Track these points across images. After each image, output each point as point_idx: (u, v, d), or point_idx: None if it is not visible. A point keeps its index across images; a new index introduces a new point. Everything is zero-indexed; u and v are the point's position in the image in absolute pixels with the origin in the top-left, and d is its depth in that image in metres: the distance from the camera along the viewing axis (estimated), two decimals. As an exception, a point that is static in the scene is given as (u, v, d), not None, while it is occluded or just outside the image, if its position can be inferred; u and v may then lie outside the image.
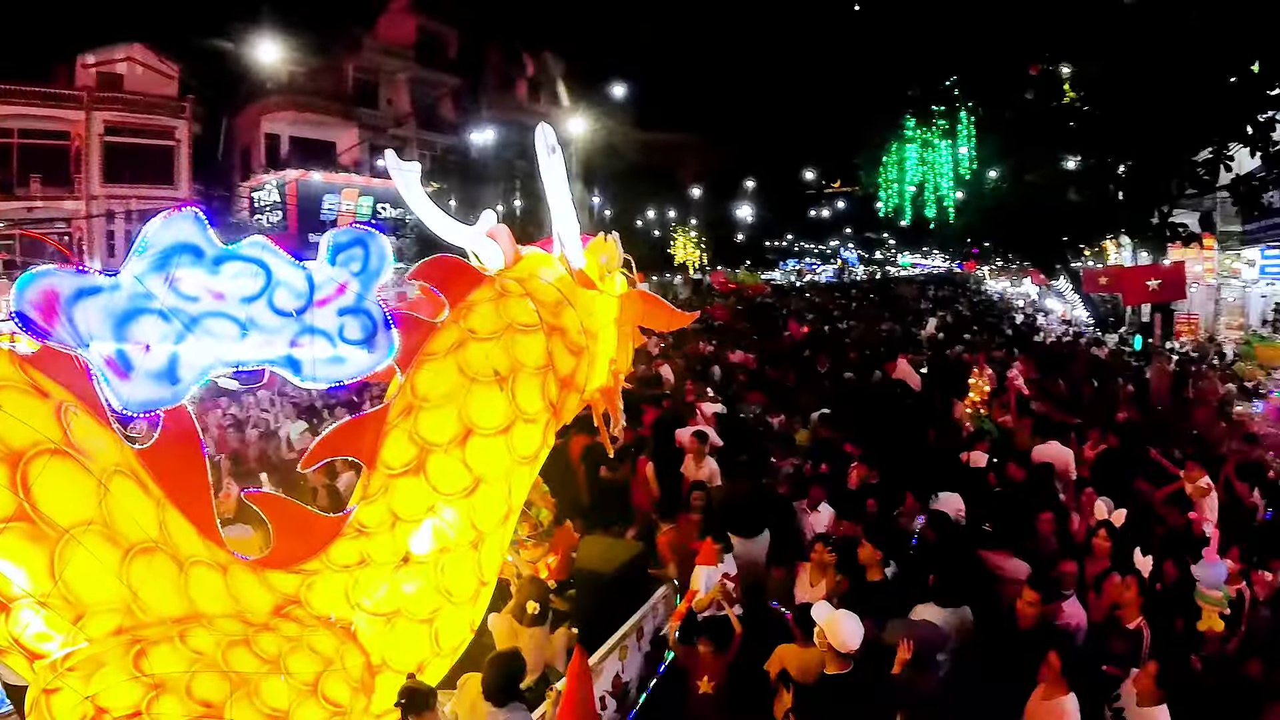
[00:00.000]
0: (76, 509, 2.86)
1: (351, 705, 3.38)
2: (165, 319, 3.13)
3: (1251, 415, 13.34)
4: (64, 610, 2.81)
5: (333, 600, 3.64)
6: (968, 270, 65.09)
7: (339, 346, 3.55)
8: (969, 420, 11.22)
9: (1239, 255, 22.79)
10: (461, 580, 3.93)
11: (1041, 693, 4.68)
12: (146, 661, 2.87)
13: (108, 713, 2.79)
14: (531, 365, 4.22)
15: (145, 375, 3.10)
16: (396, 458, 3.89)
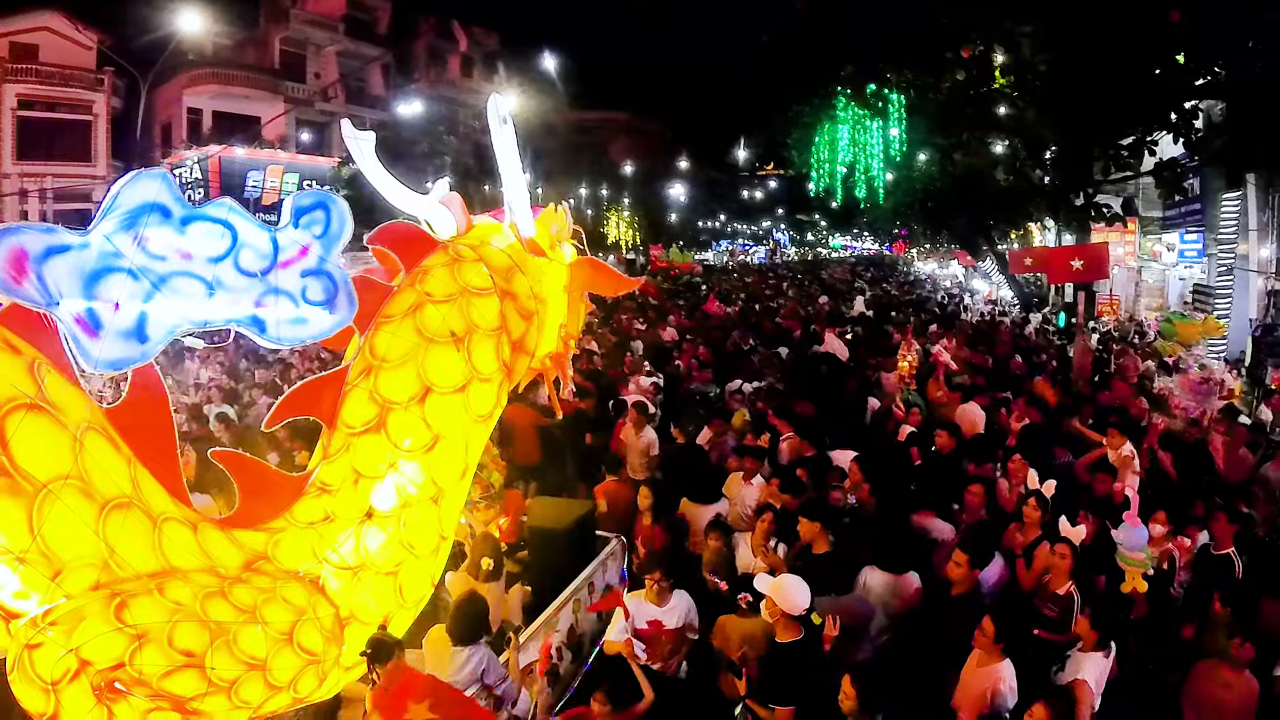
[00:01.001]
0: (53, 464, 2.90)
1: (324, 654, 3.50)
2: (134, 277, 3.16)
3: (1171, 389, 13.92)
4: (42, 566, 2.86)
5: (300, 556, 3.73)
6: (897, 252, 66.57)
7: (301, 307, 3.60)
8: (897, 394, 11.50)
9: (1159, 239, 23.66)
10: (423, 534, 4.05)
11: (976, 659, 4.78)
12: (128, 613, 2.94)
13: (91, 665, 2.85)
14: (486, 327, 4.32)
15: (115, 334, 3.13)
16: (357, 417, 3.98)
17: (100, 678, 2.87)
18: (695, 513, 7.13)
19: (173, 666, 3.00)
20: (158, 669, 2.98)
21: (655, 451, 8.92)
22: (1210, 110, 17.35)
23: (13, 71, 29.93)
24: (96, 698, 2.85)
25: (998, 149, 18.35)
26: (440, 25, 43.88)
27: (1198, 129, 14.81)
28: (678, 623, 5.38)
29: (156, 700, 3.07)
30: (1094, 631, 4.85)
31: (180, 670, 3.03)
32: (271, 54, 36.55)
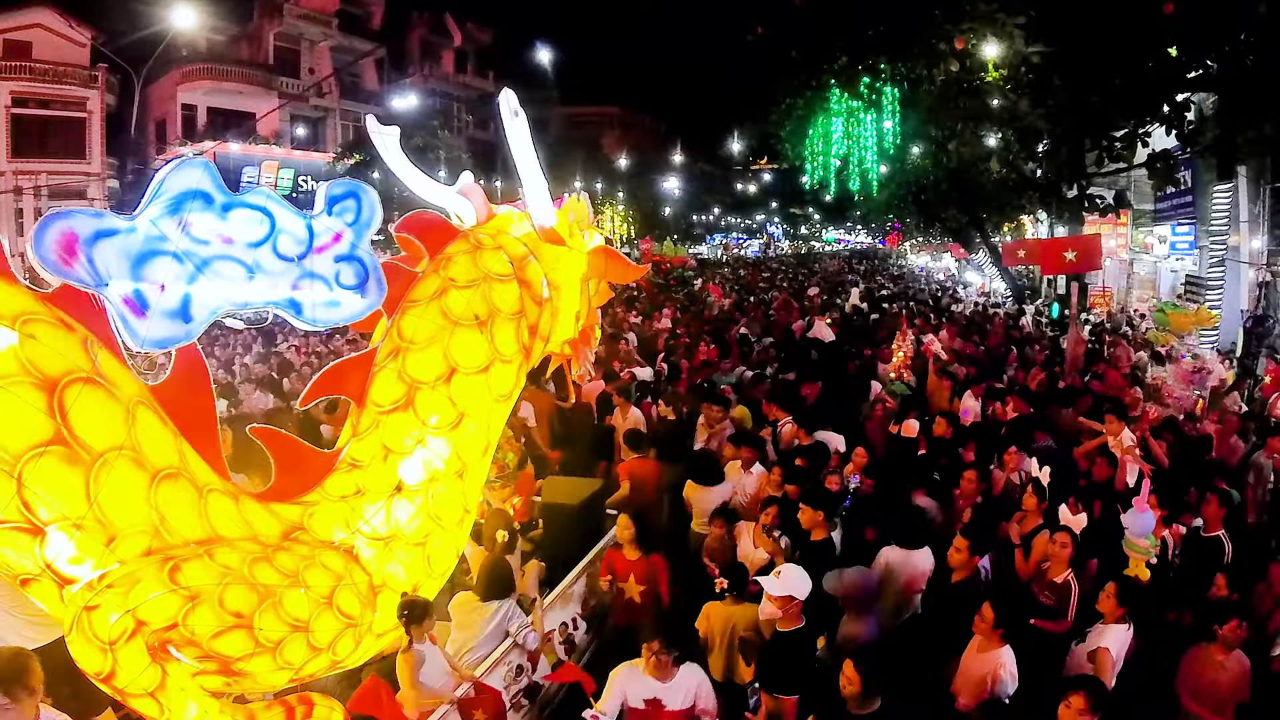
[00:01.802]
0: (109, 434, 3.06)
1: (361, 618, 3.68)
2: (179, 260, 3.32)
3: (1164, 379, 14.07)
4: (97, 532, 3.01)
5: (333, 528, 3.91)
6: (891, 245, 66.83)
7: (335, 291, 3.77)
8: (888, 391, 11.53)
9: (1151, 231, 23.69)
10: (449, 507, 4.24)
11: (976, 644, 4.81)
12: (181, 575, 3.10)
13: (146, 625, 3.02)
14: (507, 311, 4.51)
15: (161, 314, 3.28)
16: (386, 396, 4.16)
17: (155, 638, 3.04)
18: (698, 494, 7.19)
19: (223, 627, 3.17)
20: (209, 629, 3.15)
21: (642, 428, 9.03)
22: (1202, 103, 17.59)
23: (6, 69, 29.83)
24: (151, 657, 3.02)
25: (991, 141, 18.43)
26: (434, 20, 43.91)
27: (1190, 121, 14.91)
28: (683, 705, 4.39)
29: (204, 661, 3.25)
30: (1120, 606, 4.97)
31: (230, 631, 3.21)
32: (265, 49, 36.53)
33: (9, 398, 2.80)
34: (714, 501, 7.03)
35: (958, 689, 4.81)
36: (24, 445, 2.83)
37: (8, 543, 2.91)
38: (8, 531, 2.87)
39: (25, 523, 2.87)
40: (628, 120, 64.62)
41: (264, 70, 36.01)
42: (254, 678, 3.43)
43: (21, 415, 2.84)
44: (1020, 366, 14.09)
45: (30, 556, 2.95)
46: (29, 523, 2.88)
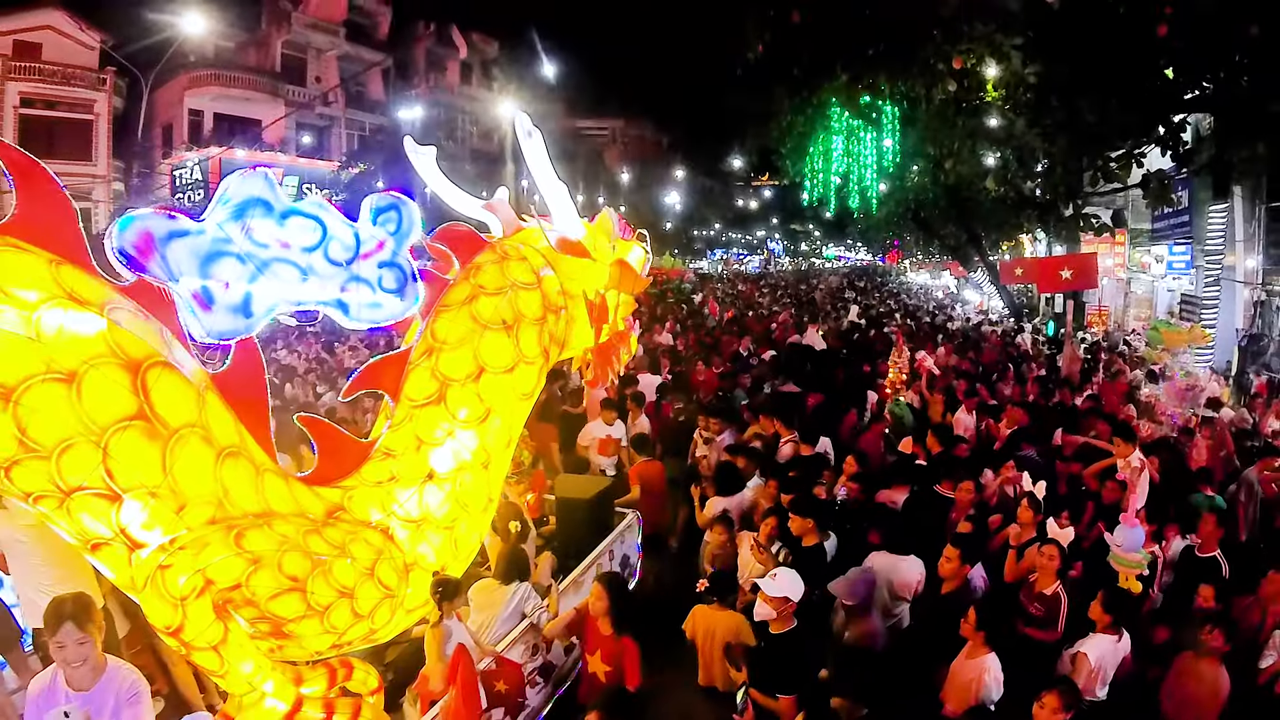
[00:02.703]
0: (183, 413, 3.43)
1: (398, 590, 4.07)
2: (242, 261, 3.69)
3: (1157, 396, 14.36)
4: (170, 501, 3.38)
5: (370, 510, 4.28)
6: (890, 262, 67.43)
7: (378, 294, 4.17)
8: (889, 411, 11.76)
9: (1148, 250, 24.01)
10: (475, 494, 4.63)
11: (965, 652, 4.95)
12: (245, 541, 3.48)
13: (214, 584, 3.40)
14: (531, 317, 4.92)
15: (225, 308, 3.65)
16: (419, 391, 4.55)
17: (220, 596, 3.42)
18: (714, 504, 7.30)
19: (280, 589, 3.55)
20: (268, 591, 3.53)
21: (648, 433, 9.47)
22: (1199, 123, 17.91)
23: (15, 69, 30.24)
24: (216, 613, 3.40)
25: (989, 160, 18.77)
26: (440, 31, 44.43)
27: (1185, 141, 15.08)
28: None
29: (259, 623, 3.63)
30: (1106, 614, 5.17)
31: (286, 593, 3.59)
32: (273, 57, 37.02)
33: (99, 376, 3.17)
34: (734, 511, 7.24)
35: (945, 695, 4.97)
36: (110, 419, 3.20)
37: (87, 508, 3.26)
38: (90, 497, 3.23)
39: (106, 490, 3.23)
40: (630, 134, 65.29)
41: (271, 77, 36.46)
42: (301, 641, 3.80)
43: (109, 392, 3.20)
44: (1016, 383, 14.45)
45: (106, 521, 3.30)
46: (109, 490, 3.24)
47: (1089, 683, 5.03)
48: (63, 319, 3.11)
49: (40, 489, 3.18)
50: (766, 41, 15.60)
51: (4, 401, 2.97)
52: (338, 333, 22.00)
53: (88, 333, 3.17)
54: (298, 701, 3.71)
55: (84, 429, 3.13)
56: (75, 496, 3.20)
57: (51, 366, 3.06)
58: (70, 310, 3.14)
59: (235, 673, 3.48)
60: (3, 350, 2.97)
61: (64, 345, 3.10)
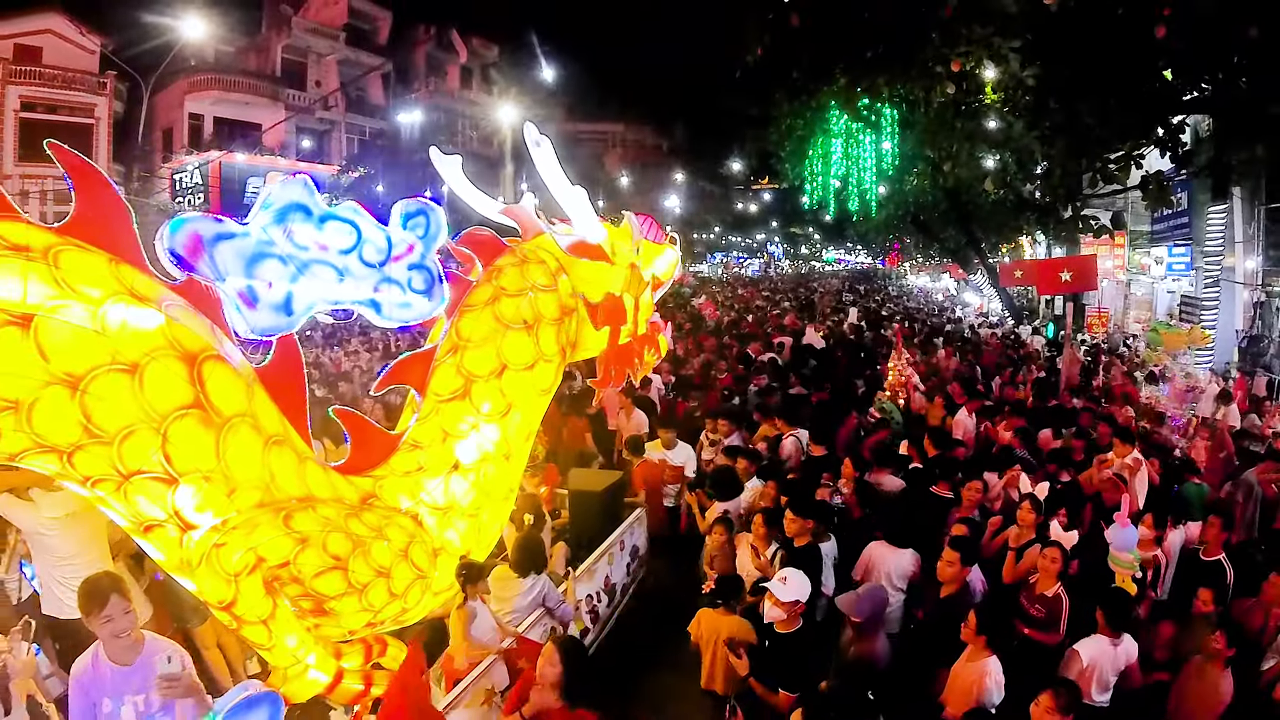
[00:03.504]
0: (235, 403, 3.70)
1: (429, 571, 4.35)
2: (283, 262, 3.95)
3: (1158, 398, 14.58)
4: (222, 484, 3.65)
5: (400, 497, 4.56)
6: (890, 265, 67.77)
7: (407, 294, 4.43)
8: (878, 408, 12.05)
9: (1148, 252, 24.33)
10: (498, 484, 4.93)
11: (966, 655, 5.05)
12: (293, 522, 3.77)
13: (265, 561, 3.68)
14: (549, 317, 5.22)
15: (268, 307, 3.91)
16: (445, 386, 4.83)
17: (269, 573, 3.70)
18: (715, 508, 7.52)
19: (324, 568, 3.84)
20: (313, 569, 3.81)
21: (645, 430, 9.96)
22: (1198, 124, 18.15)
23: (16, 73, 30.66)
24: (265, 589, 3.67)
25: (988, 163, 18.97)
26: (440, 36, 44.86)
27: (1184, 143, 15.25)
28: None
29: (302, 600, 3.91)
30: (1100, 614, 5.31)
31: (329, 571, 3.87)
32: (273, 61, 37.44)
33: (159, 367, 3.44)
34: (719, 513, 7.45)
35: (946, 698, 5.07)
36: (170, 407, 3.47)
37: (144, 491, 3.52)
38: (148, 481, 3.49)
39: (164, 473, 3.50)
40: (629, 138, 65.79)
41: (271, 82, 36.89)
42: (339, 618, 4.09)
43: (169, 382, 3.47)
44: (1011, 384, 14.69)
45: (161, 504, 3.56)
46: (167, 473, 3.50)
47: (1082, 683, 5.10)
48: (125, 314, 3.37)
49: (100, 473, 3.44)
50: (766, 45, 15.70)
51: (72, 390, 3.23)
52: (336, 336, 22.32)
53: (148, 327, 3.43)
54: (338, 674, 4.02)
55: (145, 416, 3.40)
56: (134, 480, 3.46)
57: (116, 358, 3.32)
58: (131, 306, 3.41)
59: (281, 646, 3.77)
60: (71, 342, 3.23)
61: (127, 338, 3.36)
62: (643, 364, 6.39)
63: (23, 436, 3.21)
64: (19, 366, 3.12)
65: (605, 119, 63.54)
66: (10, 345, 3.09)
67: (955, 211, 26.16)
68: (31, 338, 3.12)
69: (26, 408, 3.16)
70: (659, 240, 6.36)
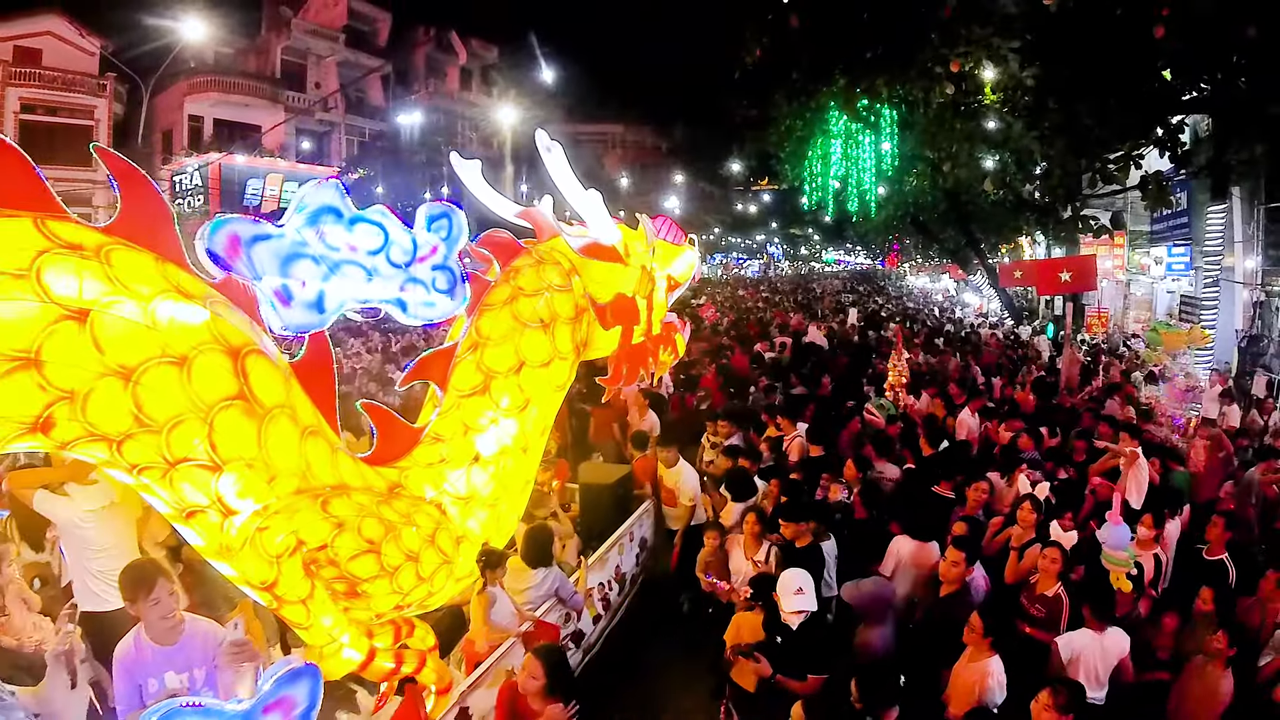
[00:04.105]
0: (275, 394, 3.94)
1: (453, 556, 4.59)
2: (316, 262, 4.18)
3: (1158, 398, 14.76)
4: (263, 471, 3.88)
5: (424, 487, 4.82)
6: (890, 266, 68.15)
7: (431, 294, 4.67)
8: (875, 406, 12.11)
9: (1148, 252, 24.51)
10: (515, 476, 5.19)
11: (968, 654, 5.11)
12: (330, 507, 4.01)
13: (305, 544, 3.92)
14: (564, 316, 5.49)
15: (301, 304, 4.14)
16: (465, 382, 5.09)
17: (309, 555, 3.94)
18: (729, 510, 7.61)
19: (358, 551, 4.08)
20: (349, 552, 4.06)
21: (658, 432, 9.99)
22: (1197, 124, 18.34)
23: (16, 75, 30.75)
24: (305, 570, 3.91)
25: (987, 163, 19.14)
26: (439, 37, 45.11)
27: (1183, 143, 15.42)
28: None
29: (337, 582, 4.15)
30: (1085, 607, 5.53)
31: (363, 555, 4.12)
32: (272, 63, 37.62)
33: (206, 360, 3.67)
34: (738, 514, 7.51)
35: (948, 698, 5.15)
36: (216, 398, 3.70)
37: (189, 478, 3.74)
38: (193, 468, 3.72)
39: (209, 461, 3.72)
40: (629, 139, 66.08)
41: (271, 83, 37.02)
42: (371, 600, 4.33)
43: (215, 375, 3.70)
44: (1010, 385, 14.89)
45: (205, 490, 3.78)
46: (212, 461, 3.73)
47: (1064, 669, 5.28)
48: (173, 310, 3.60)
49: (147, 460, 3.65)
50: (765, 46, 15.89)
51: (125, 381, 3.45)
52: (336, 338, 22.55)
53: (195, 322, 3.66)
54: (371, 652, 4.26)
55: (193, 407, 3.62)
56: (180, 467, 3.68)
57: (165, 351, 3.55)
58: (179, 302, 3.63)
59: (318, 625, 4.02)
60: (124, 336, 3.45)
61: (175, 332, 3.59)
62: (658, 363, 6.62)
63: (76, 425, 3.41)
64: (76, 358, 3.33)
65: (604, 120, 63.84)
66: (68, 338, 3.30)
67: (955, 212, 26.37)
68: (88, 331, 3.34)
69: (82, 397, 3.37)
70: (678, 241, 6.60)
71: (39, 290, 3.23)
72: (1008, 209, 23.15)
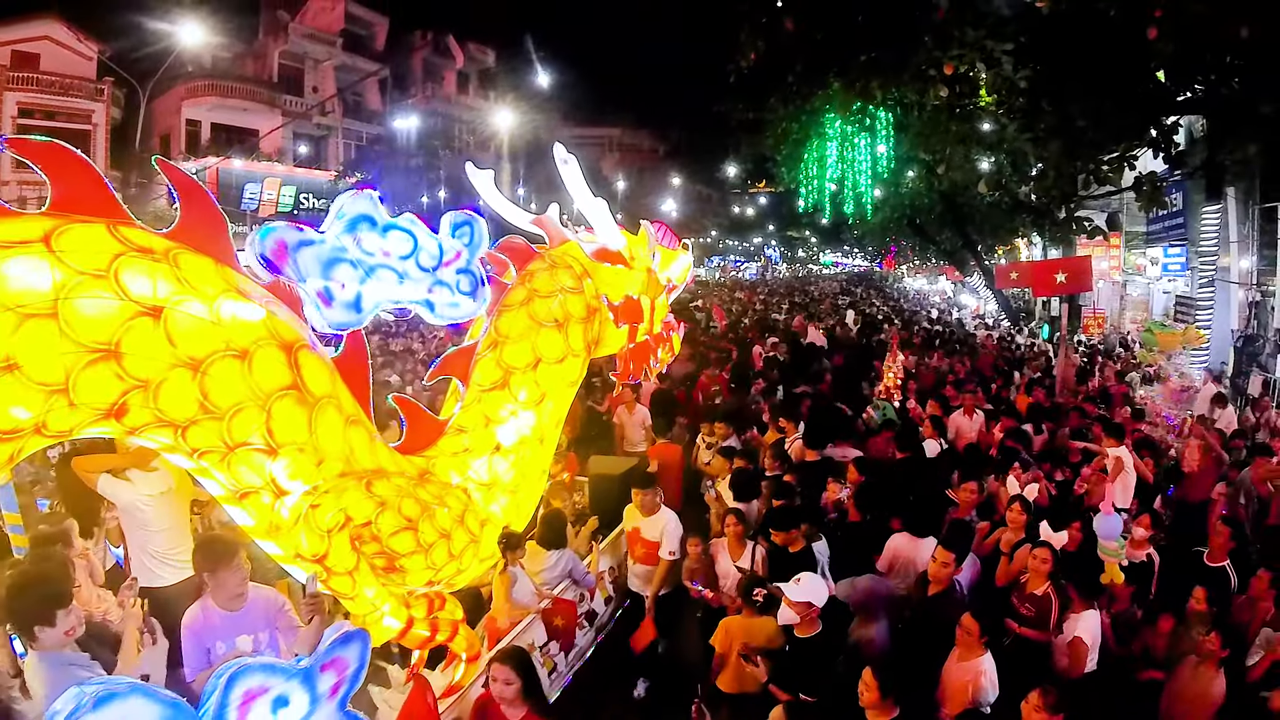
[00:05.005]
0: (323, 385, 4.39)
1: (479, 536, 5.07)
2: (354, 266, 4.62)
3: (1153, 399, 15.15)
4: (312, 455, 4.33)
5: (450, 474, 5.29)
6: (887, 268, 68.71)
7: (455, 296, 5.13)
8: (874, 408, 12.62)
9: (1144, 253, 25.00)
10: (533, 465, 5.67)
11: (958, 654, 5.26)
12: (374, 488, 4.48)
13: (352, 520, 4.39)
14: (577, 316, 5.95)
15: (341, 305, 4.57)
16: (486, 378, 5.57)
17: (354, 531, 4.41)
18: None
19: (398, 528, 4.55)
20: (390, 528, 4.52)
21: (649, 424, 10.86)
22: (1192, 125, 18.70)
23: (14, 80, 31.26)
24: (351, 545, 4.39)
25: (983, 165, 19.38)
26: (436, 41, 45.66)
27: (1178, 144, 15.64)
28: None
29: (378, 557, 4.62)
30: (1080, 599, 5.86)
31: (402, 531, 4.59)
32: (270, 67, 38.18)
33: (265, 354, 4.11)
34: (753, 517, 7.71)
35: (942, 698, 5.29)
36: (273, 387, 4.14)
37: (246, 461, 4.18)
38: (250, 452, 4.16)
39: (266, 445, 4.17)
40: (626, 142, 66.73)
41: (268, 88, 37.61)
42: (407, 575, 4.80)
43: (272, 367, 4.15)
44: (1006, 387, 15.31)
45: (260, 473, 4.23)
46: (268, 445, 4.18)
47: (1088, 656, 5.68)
48: (235, 308, 4.04)
49: (209, 445, 4.09)
50: (760, 50, 15.94)
51: (194, 371, 3.88)
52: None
53: (253, 319, 4.10)
54: (409, 621, 4.74)
55: (252, 396, 4.07)
56: (238, 451, 4.12)
57: (229, 345, 3.98)
58: (239, 301, 4.08)
59: (362, 596, 4.50)
60: (193, 331, 3.88)
61: (237, 328, 4.03)
62: (658, 361, 7.11)
63: (147, 412, 3.84)
64: (151, 351, 3.76)
65: (601, 123, 64.51)
66: (144, 333, 3.72)
67: (951, 214, 26.76)
68: (162, 327, 3.77)
69: (155, 386, 3.80)
70: (672, 245, 7.08)
71: (118, 289, 3.64)
72: (1003, 211, 23.51)
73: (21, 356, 3.38)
